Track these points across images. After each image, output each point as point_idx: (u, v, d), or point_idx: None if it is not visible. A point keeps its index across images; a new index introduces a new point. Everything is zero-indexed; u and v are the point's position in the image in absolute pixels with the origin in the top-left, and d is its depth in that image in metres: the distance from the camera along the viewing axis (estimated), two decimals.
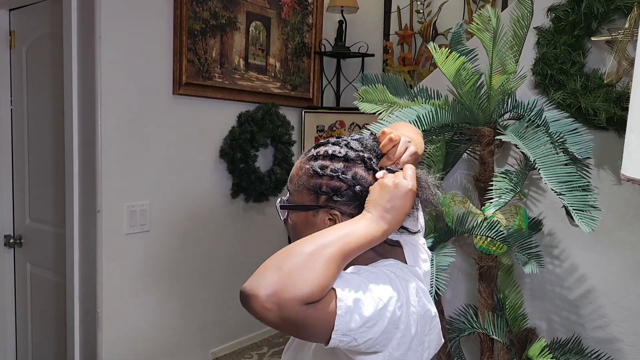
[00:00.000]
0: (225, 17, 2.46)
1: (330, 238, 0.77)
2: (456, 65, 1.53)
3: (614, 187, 1.74)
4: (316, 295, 0.72)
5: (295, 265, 0.73)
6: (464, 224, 1.66)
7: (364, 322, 0.75)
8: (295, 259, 0.74)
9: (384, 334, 0.77)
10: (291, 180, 0.95)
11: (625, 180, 0.92)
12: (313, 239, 0.78)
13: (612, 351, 1.77)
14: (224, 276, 2.60)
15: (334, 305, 0.73)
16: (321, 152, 0.92)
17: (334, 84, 3.14)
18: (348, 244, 0.77)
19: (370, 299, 0.76)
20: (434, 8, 2.94)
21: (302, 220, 0.92)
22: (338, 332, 0.74)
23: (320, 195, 0.89)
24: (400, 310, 0.79)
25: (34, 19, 2.38)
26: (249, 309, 0.72)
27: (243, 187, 2.60)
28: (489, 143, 1.69)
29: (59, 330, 2.36)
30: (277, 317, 0.71)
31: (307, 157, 0.94)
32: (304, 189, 0.91)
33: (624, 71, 1.68)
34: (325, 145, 0.94)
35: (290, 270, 0.72)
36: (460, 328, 1.87)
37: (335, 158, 0.91)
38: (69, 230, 2.16)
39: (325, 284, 0.73)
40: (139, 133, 2.17)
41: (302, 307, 0.71)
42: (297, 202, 0.93)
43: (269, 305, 0.71)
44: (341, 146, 0.92)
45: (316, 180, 0.90)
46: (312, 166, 0.91)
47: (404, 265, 0.93)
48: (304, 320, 0.72)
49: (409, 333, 0.81)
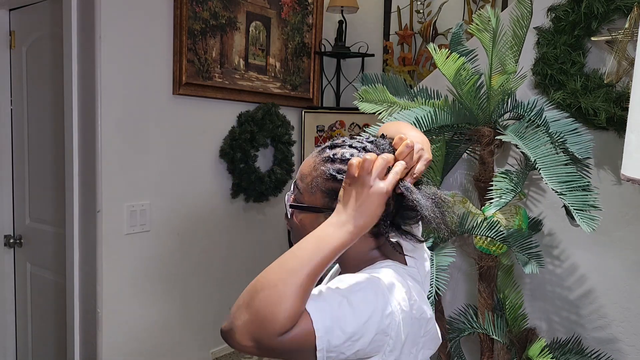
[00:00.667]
0: (225, 17, 2.46)
1: (297, 261, 0.76)
2: (456, 65, 1.53)
3: (614, 187, 1.74)
4: (288, 325, 0.72)
5: (263, 300, 0.73)
6: (464, 224, 1.66)
7: (347, 337, 0.75)
8: (262, 294, 0.73)
9: (373, 343, 0.78)
10: (302, 178, 0.93)
11: (625, 180, 0.92)
12: (280, 265, 0.76)
13: (612, 351, 1.77)
14: (224, 276, 2.60)
15: (310, 327, 0.73)
16: (338, 155, 0.90)
17: (334, 84, 3.14)
18: (315, 263, 0.75)
19: (352, 314, 0.76)
20: (434, 8, 2.94)
21: (311, 221, 0.90)
22: (322, 350, 0.74)
23: (335, 199, 0.86)
24: (389, 318, 0.79)
25: (34, 19, 2.38)
26: (231, 347, 0.76)
27: (243, 187, 2.60)
28: (489, 143, 1.69)
29: (59, 330, 2.36)
30: (258, 351, 0.74)
31: (323, 158, 0.92)
32: (318, 191, 0.90)
33: (624, 71, 1.68)
34: (342, 147, 0.92)
35: (259, 306, 0.73)
36: (460, 328, 1.87)
37: None
38: (69, 230, 2.16)
39: (295, 313, 0.72)
40: (139, 133, 2.17)
41: (279, 339, 0.72)
42: (308, 203, 0.91)
43: (247, 343, 0.73)
44: (359, 149, 0.90)
45: (332, 184, 0.88)
46: (328, 169, 0.89)
47: (401, 266, 0.92)
48: (283, 348, 0.73)
49: (401, 337, 0.81)
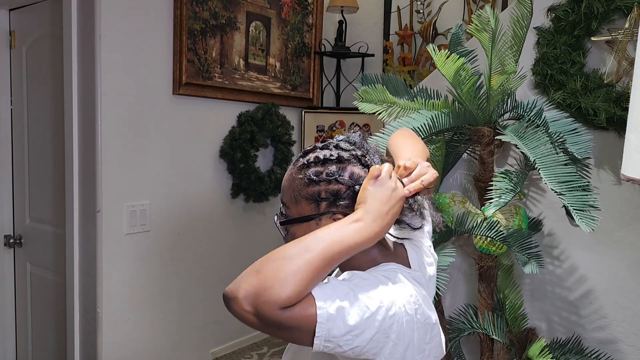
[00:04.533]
0: (225, 17, 2.46)
1: (315, 242, 0.75)
2: (455, 66, 1.53)
3: (614, 187, 1.74)
4: (292, 299, 0.71)
5: (274, 269, 0.72)
6: (464, 224, 1.66)
7: (348, 330, 0.74)
8: (275, 263, 0.73)
9: (372, 342, 0.76)
10: (284, 193, 0.92)
11: (625, 180, 0.93)
12: (299, 241, 0.76)
13: (612, 351, 1.77)
14: (224, 276, 2.60)
15: (312, 311, 0.72)
16: (311, 159, 0.89)
17: (334, 84, 3.14)
18: (332, 249, 0.75)
19: (357, 307, 0.75)
20: (434, 8, 2.94)
21: (304, 232, 0.87)
22: (320, 338, 0.73)
23: (321, 202, 0.86)
24: (391, 319, 0.77)
25: (34, 19, 2.38)
26: (230, 311, 0.73)
27: (243, 187, 2.60)
28: (489, 143, 1.69)
29: (59, 330, 2.36)
30: (256, 319, 0.72)
31: (297, 167, 0.90)
32: (301, 200, 0.88)
33: (624, 71, 1.68)
34: (314, 152, 0.91)
35: (268, 273, 0.71)
36: (460, 328, 1.87)
37: (328, 162, 0.88)
38: (69, 230, 2.16)
39: (301, 289, 0.71)
40: (139, 133, 2.17)
41: (279, 311, 0.71)
42: (296, 215, 0.89)
43: (247, 308, 0.71)
44: (330, 149, 0.90)
45: (313, 188, 0.87)
46: (305, 175, 0.88)
47: (405, 269, 0.91)
48: (281, 323, 0.72)
49: (402, 342, 0.79)
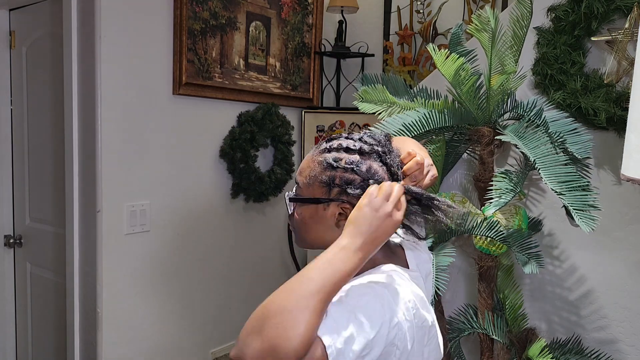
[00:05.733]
0: (225, 17, 2.46)
1: (311, 286, 0.74)
2: (455, 65, 1.53)
3: (614, 187, 1.74)
4: (302, 352, 0.70)
5: (275, 327, 0.70)
6: (464, 224, 1.66)
7: (357, 355, 0.74)
8: (275, 320, 0.71)
9: (382, 356, 0.78)
10: (301, 172, 0.94)
11: (625, 180, 0.92)
12: (291, 289, 0.74)
13: (612, 351, 1.77)
14: (224, 276, 2.60)
15: (321, 353, 0.72)
16: (334, 145, 0.91)
17: (334, 84, 3.14)
18: (326, 288, 0.74)
19: (362, 331, 0.75)
20: (434, 8, 2.93)
21: (310, 214, 0.90)
22: None
23: (333, 188, 0.88)
24: (395, 329, 0.79)
25: (34, 19, 2.38)
26: None
27: (243, 187, 2.60)
28: (489, 143, 1.69)
29: (59, 330, 2.36)
30: None
31: (320, 150, 0.93)
32: (315, 182, 0.90)
33: (624, 71, 1.68)
34: (338, 139, 0.93)
35: (271, 333, 0.70)
36: (460, 328, 1.87)
37: (349, 150, 0.89)
38: (69, 230, 2.16)
39: (309, 339, 0.71)
40: (139, 133, 2.17)
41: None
42: (307, 195, 0.91)
43: None
44: (355, 140, 0.92)
45: (330, 172, 0.88)
46: (325, 158, 0.90)
47: (404, 270, 0.91)
48: None
49: (406, 348, 0.81)
